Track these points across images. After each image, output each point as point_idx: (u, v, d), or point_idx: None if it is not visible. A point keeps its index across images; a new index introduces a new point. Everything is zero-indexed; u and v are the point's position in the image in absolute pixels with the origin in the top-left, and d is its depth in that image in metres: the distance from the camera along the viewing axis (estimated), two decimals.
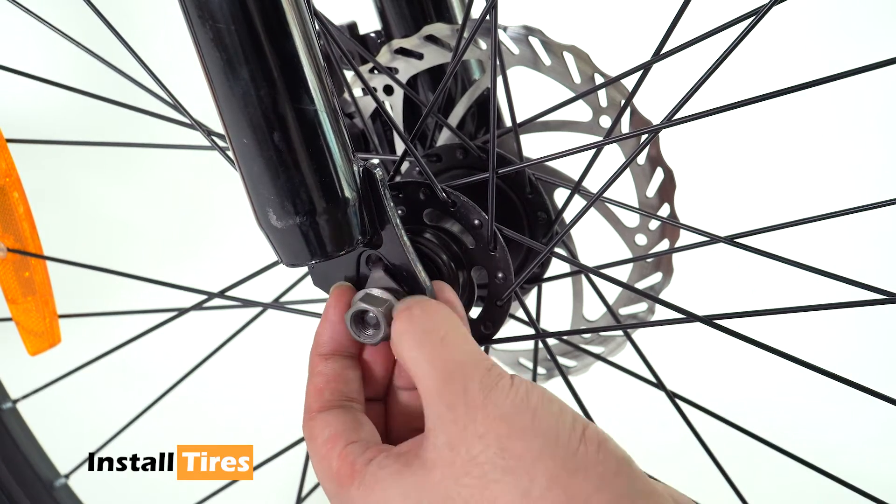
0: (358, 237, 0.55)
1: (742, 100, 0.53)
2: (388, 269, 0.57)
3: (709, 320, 0.57)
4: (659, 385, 0.67)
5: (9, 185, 0.83)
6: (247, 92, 0.50)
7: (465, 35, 0.60)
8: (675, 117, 0.56)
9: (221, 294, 0.77)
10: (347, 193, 0.53)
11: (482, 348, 0.58)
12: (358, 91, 0.76)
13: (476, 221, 0.59)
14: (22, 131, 0.81)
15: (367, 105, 0.76)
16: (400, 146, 0.77)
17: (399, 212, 0.62)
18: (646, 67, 0.57)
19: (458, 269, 0.61)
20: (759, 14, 0.50)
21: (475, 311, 0.63)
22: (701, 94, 0.55)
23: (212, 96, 0.51)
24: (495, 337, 0.63)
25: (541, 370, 0.79)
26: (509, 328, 0.71)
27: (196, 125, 0.69)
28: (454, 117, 0.73)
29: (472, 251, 0.60)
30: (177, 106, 0.70)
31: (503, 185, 0.69)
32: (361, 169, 0.54)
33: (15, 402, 0.95)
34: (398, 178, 0.66)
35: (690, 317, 0.58)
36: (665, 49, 0.55)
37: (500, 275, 0.60)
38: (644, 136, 0.63)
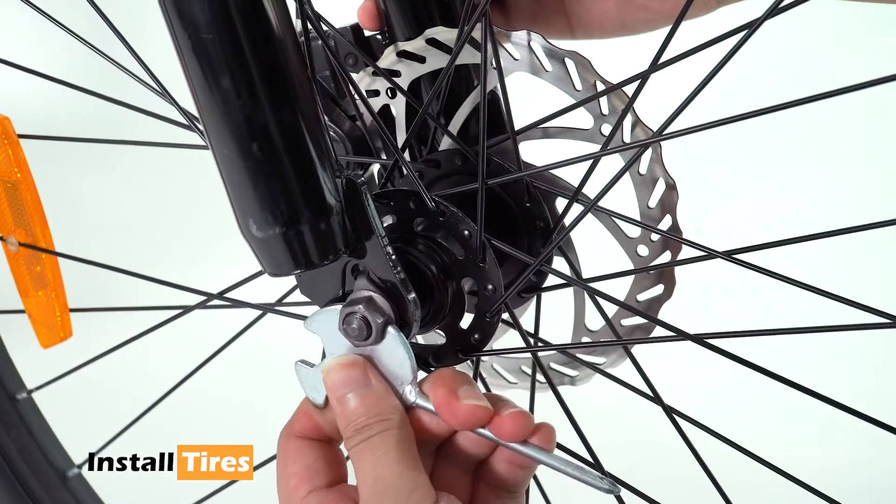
0: (341, 248, 0.54)
1: (740, 114, 0.52)
2: (372, 279, 0.56)
3: (700, 339, 0.56)
4: (656, 399, 0.66)
5: (21, 180, 0.84)
6: (227, 101, 0.49)
7: (466, 39, 0.59)
8: (675, 129, 0.54)
9: (220, 295, 0.77)
10: (328, 205, 0.52)
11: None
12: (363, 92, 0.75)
13: (465, 232, 0.58)
14: (28, 129, 0.81)
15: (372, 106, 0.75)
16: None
17: (390, 220, 0.61)
18: (644, 77, 0.56)
19: (447, 280, 0.60)
20: (752, 27, 0.48)
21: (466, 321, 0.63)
22: (703, 103, 0.54)
23: (195, 105, 0.51)
24: (486, 349, 0.62)
25: (543, 379, 0.78)
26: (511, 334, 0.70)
27: (193, 126, 0.69)
28: (456, 122, 0.72)
29: (462, 262, 0.60)
30: (176, 106, 0.70)
31: (502, 193, 0.68)
32: (344, 180, 0.54)
33: (30, 392, 0.96)
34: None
35: (681, 335, 0.57)
36: (663, 59, 0.54)
37: (489, 287, 0.59)
38: (642, 147, 0.61)
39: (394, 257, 0.55)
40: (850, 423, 0.56)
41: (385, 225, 0.61)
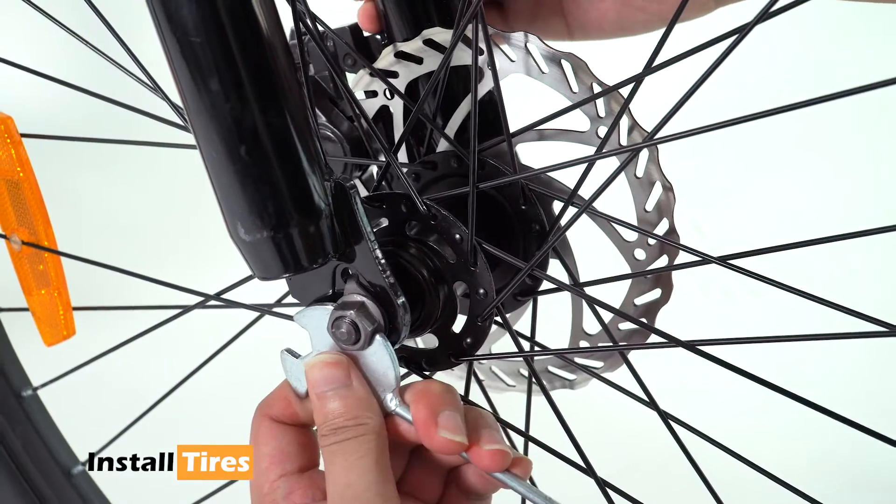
0: (330, 251, 0.54)
1: (737, 118, 0.51)
2: (361, 283, 0.56)
3: (692, 346, 0.55)
4: (651, 404, 0.65)
5: (23, 179, 0.84)
6: (215, 104, 0.49)
7: (459, 38, 0.59)
8: (673, 131, 0.54)
9: (218, 296, 0.77)
10: (317, 208, 0.52)
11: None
12: (360, 94, 0.75)
13: (457, 236, 0.58)
14: (30, 129, 0.82)
15: (371, 107, 0.75)
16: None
17: (383, 223, 0.61)
18: (639, 79, 0.55)
19: (438, 284, 0.60)
20: (744, 31, 0.47)
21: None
22: (702, 105, 0.53)
23: (184, 108, 0.51)
24: (480, 352, 0.62)
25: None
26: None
27: (189, 126, 0.68)
28: (454, 124, 0.72)
29: (454, 266, 0.59)
30: (172, 106, 0.70)
31: (497, 195, 0.68)
32: (333, 184, 0.53)
33: (35, 389, 0.97)
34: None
35: (674, 342, 0.56)
36: (659, 61, 0.53)
37: (481, 291, 0.59)
38: (636, 150, 0.61)
39: (383, 261, 0.55)
40: (841, 428, 0.55)
41: (378, 228, 0.61)
